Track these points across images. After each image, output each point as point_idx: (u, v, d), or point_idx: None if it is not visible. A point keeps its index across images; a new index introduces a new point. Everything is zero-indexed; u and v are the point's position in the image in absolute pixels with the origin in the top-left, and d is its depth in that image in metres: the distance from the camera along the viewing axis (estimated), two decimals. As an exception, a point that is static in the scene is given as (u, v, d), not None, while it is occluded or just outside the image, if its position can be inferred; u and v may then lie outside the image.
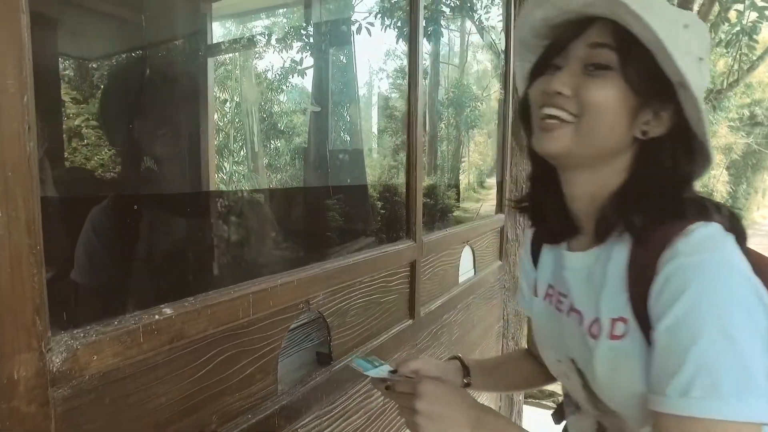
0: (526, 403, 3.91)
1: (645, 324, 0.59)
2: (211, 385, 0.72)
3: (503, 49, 1.93)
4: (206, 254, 1.26)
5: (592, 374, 0.65)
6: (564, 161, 0.68)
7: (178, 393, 0.67)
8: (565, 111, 0.64)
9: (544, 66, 0.69)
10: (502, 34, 1.93)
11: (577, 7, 0.66)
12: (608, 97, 0.62)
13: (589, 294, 0.67)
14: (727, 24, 7.63)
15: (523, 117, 0.75)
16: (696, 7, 8.12)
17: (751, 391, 0.50)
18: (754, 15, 7.10)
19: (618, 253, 0.64)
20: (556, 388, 4.21)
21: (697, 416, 0.51)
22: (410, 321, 1.26)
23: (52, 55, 1.17)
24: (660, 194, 0.63)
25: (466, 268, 1.68)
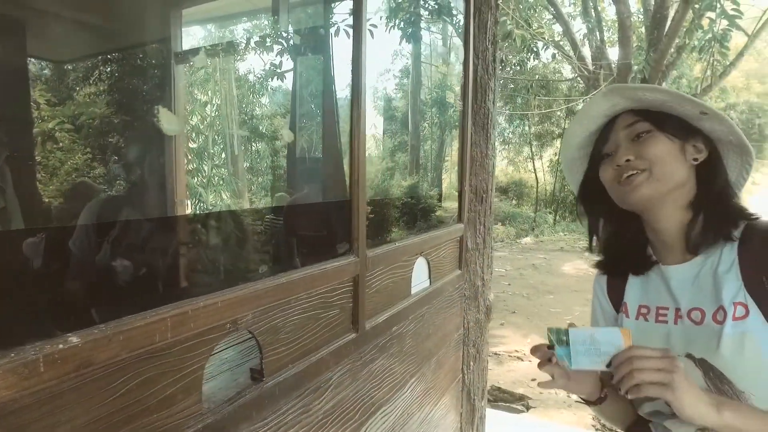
0: (496, 406, 3.96)
1: (762, 301, 0.78)
2: (127, 407, 0.73)
3: (462, 60, 1.95)
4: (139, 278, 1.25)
5: (719, 357, 0.79)
6: (648, 204, 0.88)
7: (88, 418, 0.68)
8: (638, 169, 0.87)
9: (598, 158, 0.95)
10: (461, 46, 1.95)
11: (607, 111, 0.93)
12: (660, 145, 0.87)
13: (703, 292, 0.85)
14: (700, 31, 7.78)
15: (590, 195, 1.01)
16: (671, 13, 8.26)
17: None
18: (725, 23, 7.26)
19: (726, 254, 0.85)
20: (527, 391, 4.27)
21: None
22: (354, 335, 1.27)
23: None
24: (722, 198, 0.88)
25: (420, 279, 1.70)
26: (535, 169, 17.59)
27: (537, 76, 14.50)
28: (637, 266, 0.98)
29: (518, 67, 12.53)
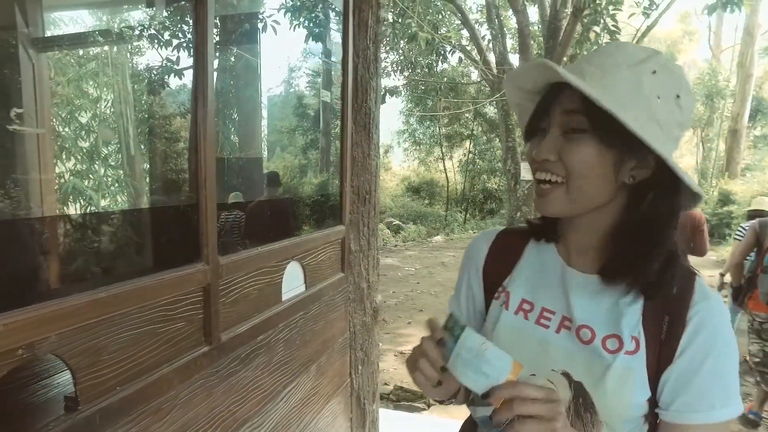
0: (399, 407, 3.99)
1: (654, 344, 0.73)
2: None
3: (341, 59, 1.91)
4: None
5: (600, 387, 0.73)
6: (563, 217, 0.79)
7: None
8: (554, 174, 0.73)
9: (534, 127, 0.78)
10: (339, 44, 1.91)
11: (533, 87, 0.77)
12: (588, 156, 0.71)
13: (601, 313, 0.76)
14: (588, 42, 8.44)
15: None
16: (564, 24, 8.87)
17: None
18: (608, 37, 7.92)
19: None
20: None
21: (729, 418, 0.71)
22: (206, 348, 1.18)
23: None
24: (652, 231, 0.74)
25: (293, 284, 1.64)
26: (445, 169, 18.17)
27: (445, 79, 14.97)
28: (543, 233, 0.86)
29: (427, 70, 12.85)
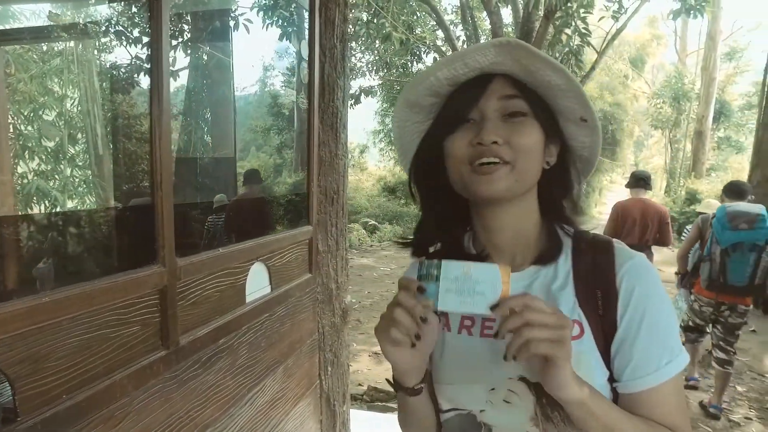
0: (372, 407, 3.98)
1: (592, 318, 0.73)
2: None
3: (306, 57, 1.89)
4: None
5: None
6: (499, 200, 0.76)
7: None
8: (502, 157, 0.72)
9: (455, 121, 0.76)
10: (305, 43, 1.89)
11: (485, 66, 0.74)
12: (534, 138, 0.74)
13: None
14: (560, 44, 8.59)
15: (423, 167, 0.83)
16: (537, 26, 9.01)
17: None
18: (579, 39, 8.08)
19: (561, 269, 0.77)
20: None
21: (678, 371, 0.71)
22: (164, 352, 1.15)
23: None
24: (569, 207, 0.80)
25: (258, 286, 1.61)
26: (421, 170, 18.14)
27: (421, 80, 14.96)
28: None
29: (402, 70, 12.88)
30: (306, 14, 1.89)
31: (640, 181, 4.42)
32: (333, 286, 2.14)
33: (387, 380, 0.83)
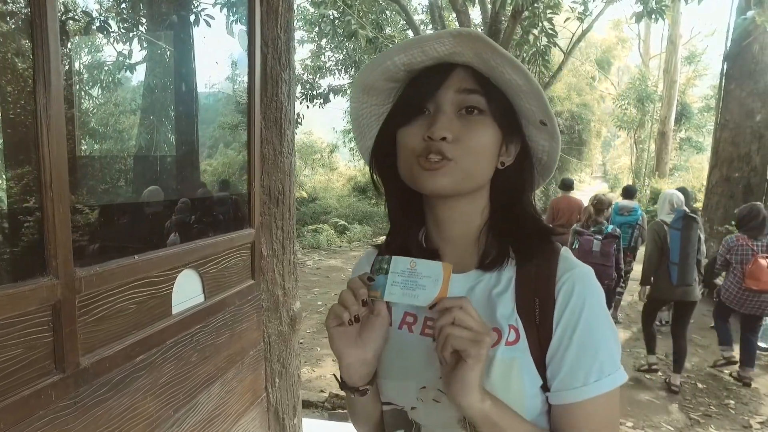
0: (334, 415, 3.85)
1: (529, 326, 0.71)
2: None
3: (247, 48, 1.75)
4: None
5: (488, 383, 0.68)
6: (448, 195, 0.74)
7: None
8: (444, 154, 0.69)
9: (410, 111, 0.73)
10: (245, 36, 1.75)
11: (444, 55, 0.71)
12: (487, 137, 0.71)
13: (478, 310, 0.70)
14: (527, 45, 8.63)
15: (380, 156, 0.81)
16: (504, 27, 9.03)
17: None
18: (545, 39, 8.13)
19: (504, 274, 0.75)
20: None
21: (609, 390, 0.68)
22: (57, 376, 1.00)
23: None
24: (522, 212, 0.78)
25: (188, 295, 1.47)
26: (392, 170, 18.10)
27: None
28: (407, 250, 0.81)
29: (371, 69, 12.76)
30: (246, 1, 1.76)
31: (566, 185, 7.02)
32: (279, 292, 2.01)
33: (334, 375, 0.84)
